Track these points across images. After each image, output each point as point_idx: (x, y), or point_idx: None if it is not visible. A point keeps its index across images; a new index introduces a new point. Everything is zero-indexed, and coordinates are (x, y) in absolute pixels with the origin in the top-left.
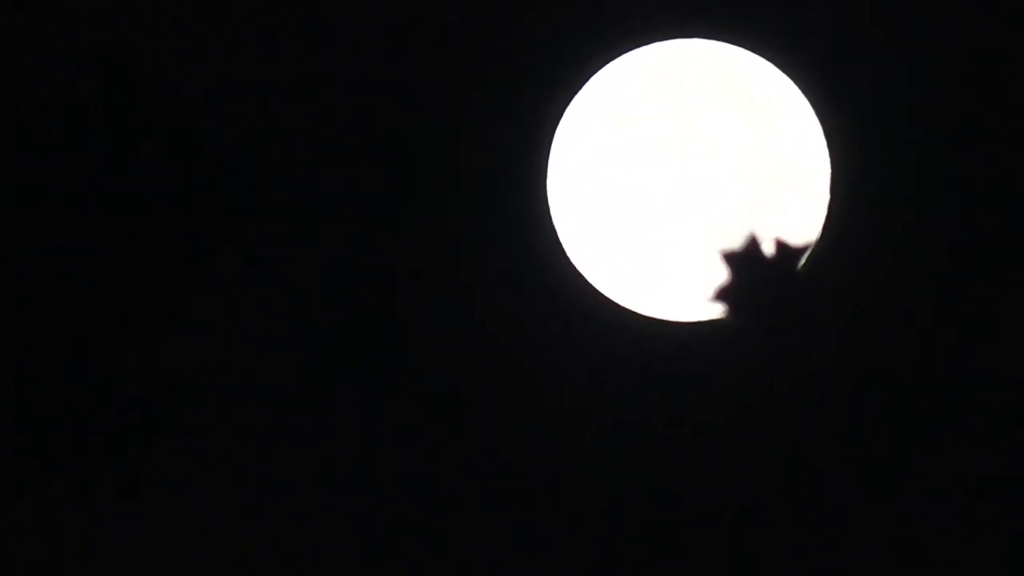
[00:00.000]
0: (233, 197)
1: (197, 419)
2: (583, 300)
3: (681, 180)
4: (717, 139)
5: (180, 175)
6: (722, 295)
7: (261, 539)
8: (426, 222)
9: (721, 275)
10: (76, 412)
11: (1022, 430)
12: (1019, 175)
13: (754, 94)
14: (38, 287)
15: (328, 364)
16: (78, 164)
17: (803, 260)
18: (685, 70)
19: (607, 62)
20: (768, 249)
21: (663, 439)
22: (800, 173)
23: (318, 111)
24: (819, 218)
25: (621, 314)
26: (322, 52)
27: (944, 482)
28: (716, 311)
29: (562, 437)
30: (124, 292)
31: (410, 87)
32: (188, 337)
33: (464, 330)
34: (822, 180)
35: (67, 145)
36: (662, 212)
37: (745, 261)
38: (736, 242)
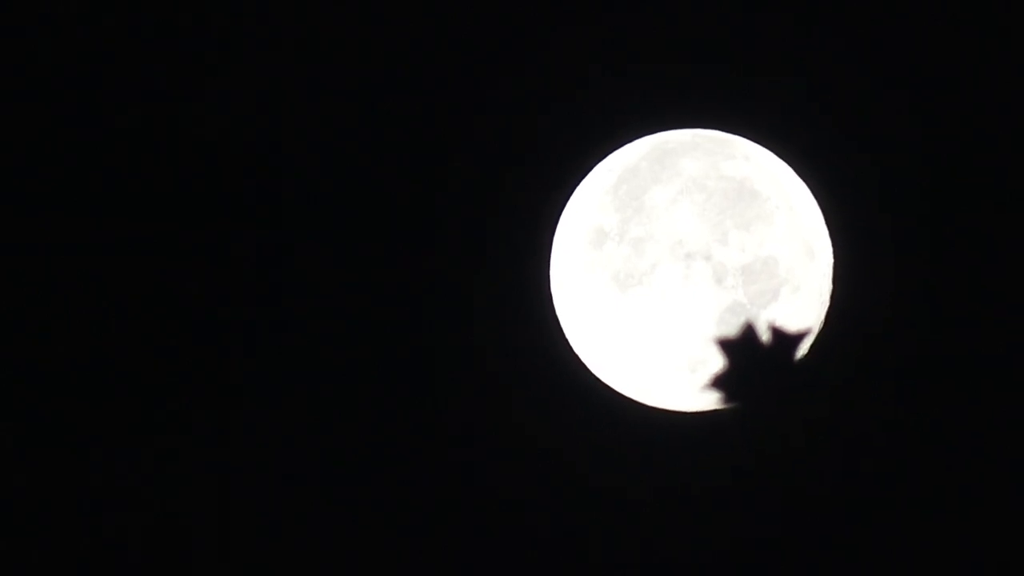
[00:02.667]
0: (234, 199)
1: (198, 419)
2: (585, 389)
3: (685, 271)
4: (721, 230)
5: (181, 177)
6: (718, 382)
7: (261, 539)
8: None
9: (718, 362)
10: (76, 411)
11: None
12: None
13: (757, 184)
14: (38, 287)
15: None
16: (79, 164)
17: (803, 347)
18: (688, 160)
19: (609, 152)
20: (764, 336)
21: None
22: (804, 263)
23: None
24: (822, 307)
25: (623, 403)
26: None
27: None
28: (714, 398)
29: (559, 517)
30: (125, 292)
31: (427, 170)
32: (188, 337)
33: (471, 418)
34: (826, 270)
35: (67, 145)
36: (665, 304)
37: (741, 348)
38: (733, 330)
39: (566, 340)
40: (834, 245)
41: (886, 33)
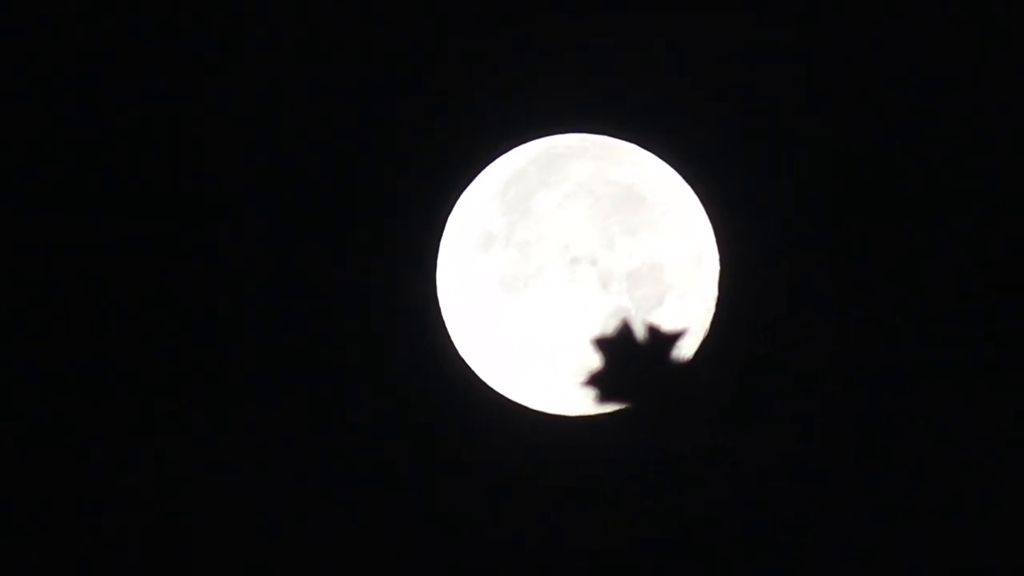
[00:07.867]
0: (234, 199)
1: (198, 419)
2: (471, 392)
3: (570, 275)
4: (607, 235)
5: (181, 177)
6: (593, 380)
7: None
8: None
9: (595, 362)
10: (76, 411)
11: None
12: (909, 267)
13: (644, 190)
14: (38, 287)
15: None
16: (79, 164)
17: (682, 348)
18: (577, 164)
19: (497, 155)
20: (643, 336)
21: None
22: (691, 269)
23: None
24: (708, 313)
25: (509, 407)
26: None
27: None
28: (595, 400)
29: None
30: (125, 292)
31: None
32: (188, 337)
33: (362, 418)
34: (712, 276)
35: (67, 145)
36: (550, 308)
37: (616, 347)
38: (609, 330)
39: (452, 343)
40: (720, 251)
41: (779, 37)
